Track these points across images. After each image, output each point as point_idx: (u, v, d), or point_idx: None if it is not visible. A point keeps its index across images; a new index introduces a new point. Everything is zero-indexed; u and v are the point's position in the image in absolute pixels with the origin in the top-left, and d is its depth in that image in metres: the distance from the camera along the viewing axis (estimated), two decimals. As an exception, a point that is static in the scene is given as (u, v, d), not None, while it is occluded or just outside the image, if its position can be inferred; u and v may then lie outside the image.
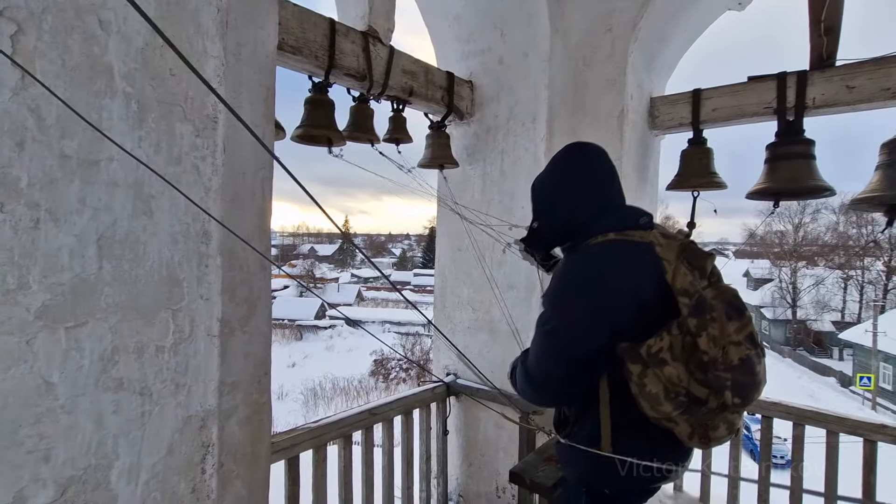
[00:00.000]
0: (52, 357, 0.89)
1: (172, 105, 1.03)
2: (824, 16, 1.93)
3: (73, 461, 0.92)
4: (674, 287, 1.13)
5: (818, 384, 23.64)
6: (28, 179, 0.86)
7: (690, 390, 1.10)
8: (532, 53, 2.45)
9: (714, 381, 1.07)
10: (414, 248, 75.81)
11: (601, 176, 1.36)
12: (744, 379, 1.08)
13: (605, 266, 1.21)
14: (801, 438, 2.26)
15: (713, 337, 1.08)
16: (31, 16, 0.85)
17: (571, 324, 1.19)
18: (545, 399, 1.35)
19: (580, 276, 1.23)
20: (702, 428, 1.14)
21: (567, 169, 1.38)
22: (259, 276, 1.49)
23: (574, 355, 1.18)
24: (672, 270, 1.15)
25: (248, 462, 1.48)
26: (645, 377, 1.11)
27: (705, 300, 1.10)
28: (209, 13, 1.07)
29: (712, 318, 1.09)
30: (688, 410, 1.11)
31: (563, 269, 1.30)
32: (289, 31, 1.74)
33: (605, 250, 1.23)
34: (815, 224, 34.97)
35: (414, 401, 2.45)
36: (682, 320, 1.10)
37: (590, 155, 1.38)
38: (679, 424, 1.13)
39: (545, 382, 1.24)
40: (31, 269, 0.87)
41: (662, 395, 1.10)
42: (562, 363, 1.20)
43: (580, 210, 1.32)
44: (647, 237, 1.22)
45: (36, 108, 0.86)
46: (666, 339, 1.11)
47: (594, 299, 1.18)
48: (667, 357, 1.10)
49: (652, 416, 1.13)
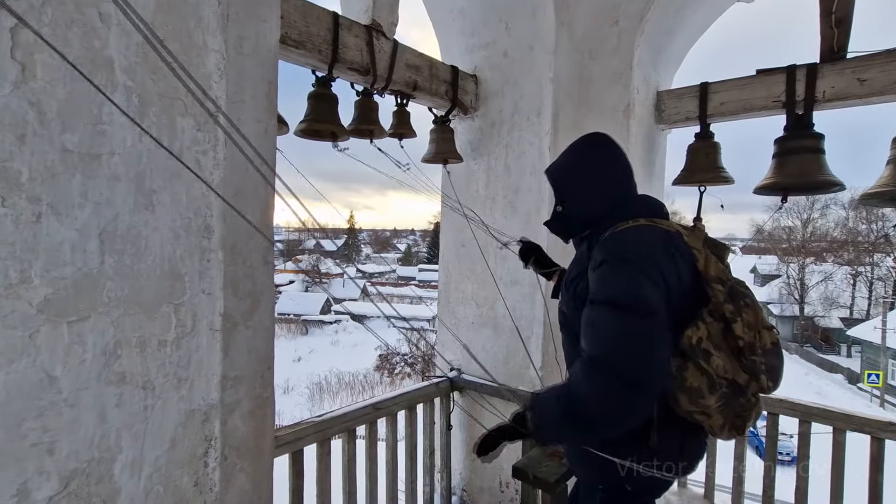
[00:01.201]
0: (55, 351, 0.90)
1: (174, 99, 1.03)
2: (835, 7, 1.90)
3: (77, 454, 0.93)
4: (707, 274, 1.12)
5: (826, 381, 23.48)
6: (29, 173, 0.86)
7: (736, 379, 1.07)
8: (537, 47, 2.43)
9: (750, 366, 1.07)
10: (419, 244, 75.85)
11: (627, 166, 1.35)
12: (775, 362, 1.11)
13: (653, 246, 1.12)
14: (807, 435, 2.24)
15: (748, 322, 1.09)
16: (30, 8, 0.85)
17: (647, 295, 1.02)
18: (649, 394, 1.00)
19: (633, 253, 1.10)
20: (738, 419, 1.12)
21: (598, 155, 1.35)
22: (262, 271, 1.49)
23: (667, 328, 1.03)
24: (703, 259, 1.14)
25: (252, 456, 1.49)
26: (685, 370, 1.05)
27: (737, 287, 1.12)
28: (210, 6, 1.07)
29: (746, 304, 1.11)
30: (728, 402, 1.08)
31: (606, 254, 1.12)
32: (292, 25, 1.74)
33: (645, 232, 1.16)
34: (825, 220, 34.60)
35: (418, 395, 2.45)
36: (716, 307, 1.09)
37: (615, 145, 1.37)
38: (712, 417, 1.09)
39: (647, 373, 0.98)
40: (34, 264, 0.87)
41: (706, 387, 1.05)
42: (661, 339, 1.01)
43: (610, 196, 1.29)
44: (674, 226, 1.21)
45: (37, 102, 0.86)
46: (703, 329, 1.07)
47: (653, 274, 1.06)
48: (709, 347, 1.06)
49: (687, 411, 1.08)
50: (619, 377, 0.96)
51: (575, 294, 1.25)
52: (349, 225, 63.02)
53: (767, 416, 2.34)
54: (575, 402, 1.01)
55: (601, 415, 1.00)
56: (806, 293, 31.39)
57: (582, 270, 1.24)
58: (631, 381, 0.96)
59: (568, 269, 1.38)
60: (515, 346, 2.48)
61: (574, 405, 1.02)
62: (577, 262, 1.32)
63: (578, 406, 1.01)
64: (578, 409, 1.01)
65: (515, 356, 2.53)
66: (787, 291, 32.12)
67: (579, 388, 1.01)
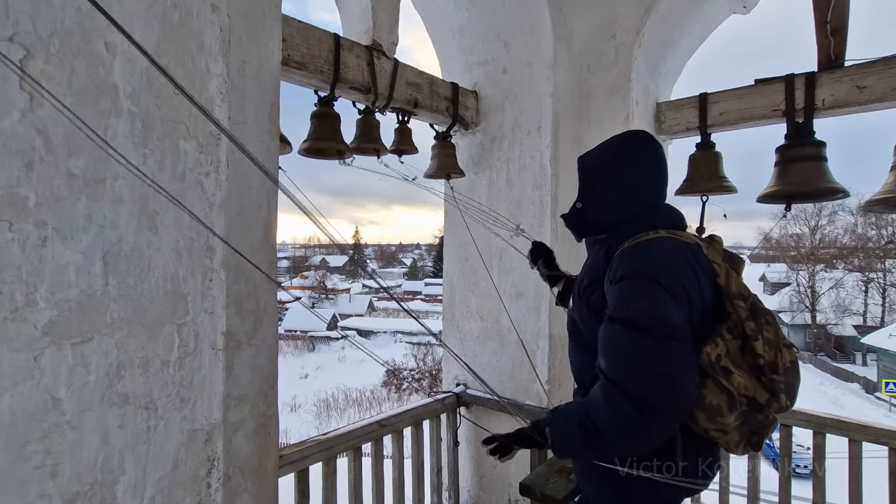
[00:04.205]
0: (59, 373, 0.90)
1: (176, 123, 1.05)
2: (830, 17, 1.91)
3: (80, 476, 0.93)
4: (728, 290, 1.10)
5: (841, 390, 22.97)
6: (36, 199, 0.88)
7: (756, 397, 1.05)
8: (536, 62, 2.46)
9: (770, 385, 1.05)
10: (425, 258, 75.92)
11: (665, 174, 1.29)
12: (794, 381, 1.09)
13: (676, 261, 1.09)
14: (821, 447, 2.19)
15: (769, 340, 1.07)
16: (39, 40, 0.87)
17: (669, 316, 1.00)
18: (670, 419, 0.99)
19: (655, 268, 1.06)
20: (754, 436, 1.10)
21: (638, 161, 1.27)
22: (265, 289, 1.50)
23: (689, 347, 1.01)
24: (724, 273, 1.12)
25: (257, 475, 1.48)
26: (704, 388, 1.03)
27: (758, 303, 1.10)
28: (212, 33, 1.10)
29: (767, 322, 1.08)
30: (746, 420, 1.06)
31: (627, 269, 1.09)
32: (294, 48, 1.77)
33: (667, 245, 1.12)
34: (833, 226, 34.23)
35: (424, 412, 2.43)
36: (736, 324, 1.07)
37: (658, 149, 1.29)
38: (729, 434, 1.07)
39: (668, 398, 0.96)
40: (39, 287, 0.88)
41: (726, 405, 1.03)
42: (684, 362, 0.99)
43: (637, 205, 1.23)
44: (693, 238, 1.19)
45: (43, 129, 0.88)
46: (722, 345, 1.05)
47: (676, 290, 1.04)
48: (728, 364, 1.04)
49: (704, 428, 1.07)
50: (639, 403, 0.95)
51: (589, 303, 1.22)
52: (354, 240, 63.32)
53: (780, 429, 2.30)
54: (596, 425, 1.01)
55: (622, 439, 0.99)
56: (817, 301, 30.95)
57: (596, 279, 1.20)
58: (652, 407, 0.95)
59: (580, 276, 1.33)
60: (521, 359, 2.46)
61: (596, 428, 1.01)
62: (590, 270, 1.27)
63: (600, 429, 1.00)
64: (600, 432, 1.01)
65: (521, 370, 2.50)
66: (797, 299, 31.69)
67: (601, 411, 1.01)
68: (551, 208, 2.41)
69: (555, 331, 2.42)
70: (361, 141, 2.19)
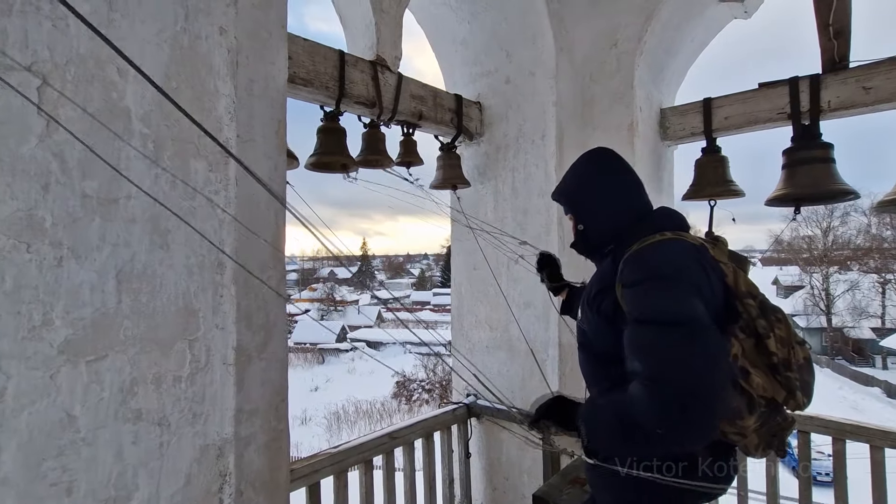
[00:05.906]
0: (74, 390, 0.92)
1: (186, 143, 1.08)
2: (832, 20, 1.91)
3: (94, 493, 0.94)
4: (737, 289, 1.09)
5: (861, 395, 22.44)
6: (52, 219, 0.90)
7: (775, 397, 1.04)
8: (538, 72, 2.48)
9: (786, 383, 1.04)
10: (433, 268, 75.95)
11: (636, 176, 1.35)
12: (808, 378, 1.08)
13: (687, 260, 1.09)
14: (842, 454, 2.14)
15: (780, 338, 1.06)
16: (55, 68, 0.91)
17: (692, 308, 0.99)
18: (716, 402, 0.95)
19: (669, 267, 1.06)
20: (774, 438, 1.09)
21: (606, 168, 1.35)
22: (275, 303, 1.51)
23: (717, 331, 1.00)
24: (731, 273, 1.12)
25: (268, 490, 1.48)
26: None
27: (767, 301, 1.10)
28: (220, 55, 1.13)
29: (778, 319, 1.08)
30: (765, 422, 1.05)
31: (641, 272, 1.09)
32: (300, 65, 1.81)
33: (676, 245, 1.12)
34: (846, 227, 33.69)
35: (434, 423, 2.41)
36: (748, 323, 1.06)
37: (618, 157, 1.37)
38: (748, 437, 1.06)
39: (710, 382, 0.93)
40: (55, 306, 0.90)
41: (745, 408, 1.02)
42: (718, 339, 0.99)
43: (629, 208, 1.28)
44: (698, 239, 1.18)
45: (59, 153, 0.91)
46: (737, 345, 1.04)
47: (692, 287, 1.03)
48: (746, 364, 1.03)
49: (724, 432, 1.06)
50: (685, 395, 0.92)
51: (599, 310, 1.21)
52: (362, 251, 63.59)
53: (798, 435, 2.25)
54: (642, 424, 0.96)
55: (674, 434, 0.94)
56: (832, 303, 30.39)
57: (605, 286, 1.20)
58: (699, 395, 0.92)
59: (588, 286, 1.34)
60: (531, 369, 2.44)
61: (641, 426, 0.97)
62: (599, 278, 1.27)
63: (647, 427, 0.95)
64: (647, 430, 0.96)
65: (532, 379, 2.49)
66: (812, 303, 31.16)
67: (644, 409, 0.96)
68: (557, 216, 2.41)
69: (565, 339, 2.40)
70: (367, 154, 2.21)
